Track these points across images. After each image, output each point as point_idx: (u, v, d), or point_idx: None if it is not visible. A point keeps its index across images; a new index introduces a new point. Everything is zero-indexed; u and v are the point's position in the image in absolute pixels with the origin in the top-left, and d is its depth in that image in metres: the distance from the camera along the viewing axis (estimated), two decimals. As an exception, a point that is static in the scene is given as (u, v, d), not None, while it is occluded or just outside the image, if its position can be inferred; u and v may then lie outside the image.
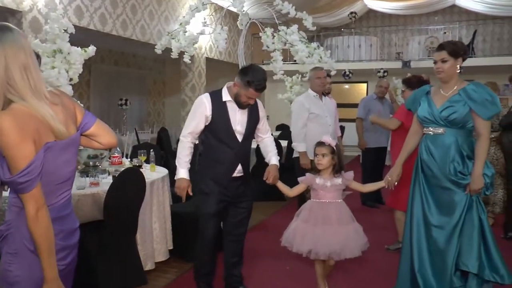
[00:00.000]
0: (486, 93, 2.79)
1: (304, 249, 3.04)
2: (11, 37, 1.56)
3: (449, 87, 2.91)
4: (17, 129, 1.47)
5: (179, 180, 3.03)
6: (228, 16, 11.08)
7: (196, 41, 7.46)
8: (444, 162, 2.87)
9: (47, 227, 1.57)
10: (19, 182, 1.50)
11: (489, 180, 2.84)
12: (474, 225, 2.82)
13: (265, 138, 3.28)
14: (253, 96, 2.92)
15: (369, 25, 14.17)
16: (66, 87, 3.91)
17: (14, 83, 1.52)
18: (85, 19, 6.80)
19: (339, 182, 3.07)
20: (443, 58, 2.87)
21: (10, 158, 1.49)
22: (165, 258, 3.86)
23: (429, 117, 2.93)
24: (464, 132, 2.87)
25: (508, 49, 12.37)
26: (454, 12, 13.10)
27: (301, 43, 6.69)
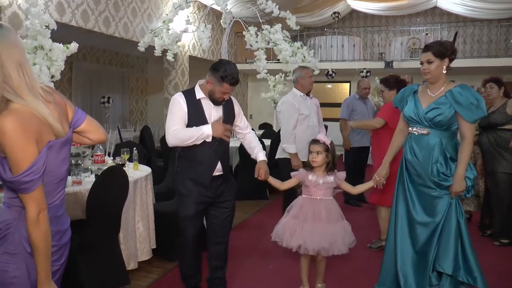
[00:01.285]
0: (472, 97, 2.78)
1: (294, 245, 3.09)
2: (3, 33, 1.54)
3: (436, 88, 2.91)
4: (20, 130, 1.46)
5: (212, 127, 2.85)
6: (212, 14, 11.04)
7: (179, 39, 7.43)
8: (427, 163, 2.89)
9: (47, 230, 1.56)
10: (23, 181, 1.48)
11: (470, 183, 2.85)
12: (451, 227, 2.84)
13: (247, 134, 3.25)
14: (228, 91, 2.88)
15: (352, 25, 14.28)
16: (48, 84, 3.85)
17: (11, 81, 1.50)
18: (67, 15, 6.71)
19: (331, 180, 3.12)
20: (428, 59, 2.87)
21: (13, 158, 1.47)
22: (148, 257, 3.83)
23: (414, 117, 2.95)
24: (448, 134, 2.88)
25: (487, 51, 12.58)
26: (436, 14, 13.28)
27: (285, 42, 6.71)
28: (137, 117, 13.00)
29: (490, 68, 10.84)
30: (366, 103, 6.13)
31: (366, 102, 6.12)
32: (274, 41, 6.66)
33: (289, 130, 4.46)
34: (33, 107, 1.51)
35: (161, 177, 5.14)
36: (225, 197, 3.10)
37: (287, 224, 3.14)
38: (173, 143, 2.93)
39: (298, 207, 3.15)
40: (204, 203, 3.02)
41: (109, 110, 10.94)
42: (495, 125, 4.55)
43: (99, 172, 3.44)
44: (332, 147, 3.17)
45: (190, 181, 2.98)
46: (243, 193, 6.44)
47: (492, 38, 12.76)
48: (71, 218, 3.19)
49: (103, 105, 10.66)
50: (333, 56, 12.41)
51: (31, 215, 1.52)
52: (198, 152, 2.93)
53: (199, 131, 2.85)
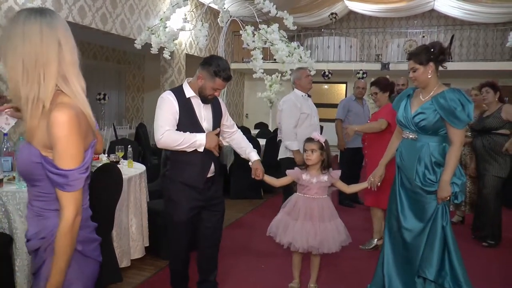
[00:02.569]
0: (456, 102, 2.74)
1: (285, 241, 3.13)
2: (59, 18, 1.48)
3: (427, 92, 2.92)
4: (74, 124, 1.41)
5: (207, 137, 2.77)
6: (209, 13, 11.03)
7: (176, 37, 7.42)
8: (411, 168, 2.88)
9: (76, 236, 1.48)
10: (76, 177, 1.42)
11: (458, 188, 2.81)
12: (437, 233, 2.83)
13: (234, 133, 3.17)
14: (220, 87, 2.80)
15: (350, 26, 14.29)
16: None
17: (65, 67, 1.46)
18: (63, 11, 6.68)
19: (325, 179, 3.13)
20: (412, 67, 2.91)
21: (64, 152, 1.40)
22: (141, 255, 3.83)
23: (403, 121, 2.96)
24: (436, 139, 2.86)
25: (483, 55, 12.63)
26: (433, 16, 13.32)
27: (282, 42, 6.71)
28: (133, 115, 12.97)
29: (485, 71, 10.88)
30: (363, 104, 6.14)
31: (363, 104, 6.13)
32: (271, 41, 6.66)
33: (291, 127, 4.46)
34: (81, 104, 1.47)
35: (155, 175, 5.13)
36: (216, 199, 3.02)
37: (281, 220, 3.19)
38: (163, 144, 2.78)
39: (292, 204, 3.19)
40: (196, 208, 2.93)
41: (105, 107, 10.91)
42: (489, 129, 4.61)
43: (93, 169, 3.43)
44: (327, 145, 3.19)
45: (182, 184, 2.87)
46: (238, 192, 6.45)
47: (488, 42, 12.81)
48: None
49: (99, 102, 10.63)
50: (329, 57, 12.42)
51: (69, 217, 1.43)
52: (191, 153, 2.81)
53: (193, 138, 2.75)
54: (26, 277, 2.98)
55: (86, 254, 1.56)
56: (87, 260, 1.57)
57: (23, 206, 2.93)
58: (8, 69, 1.42)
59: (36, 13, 1.42)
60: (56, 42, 1.42)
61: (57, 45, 1.42)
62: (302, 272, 3.42)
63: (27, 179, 1.51)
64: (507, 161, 4.57)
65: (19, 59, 1.40)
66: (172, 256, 3.12)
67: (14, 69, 1.41)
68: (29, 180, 1.50)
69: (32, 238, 1.53)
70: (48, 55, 1.41)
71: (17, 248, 2.96)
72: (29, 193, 1.55)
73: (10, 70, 1.42)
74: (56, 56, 1.42)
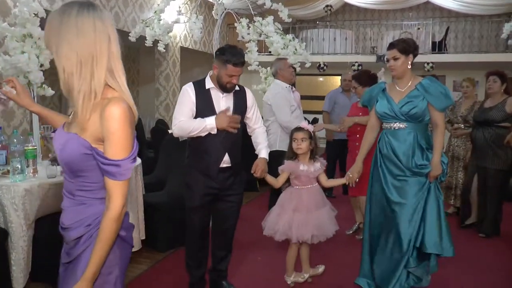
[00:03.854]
0: (440, 87, 2.99)
1: (280, 233, 3.17)
2: (106, 12, 1.53)
3: (404, 83, 3.07)
4: (127, 116, 1.47)
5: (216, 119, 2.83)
6: (204, 5, 10.97)
7: (170, 29, 7.37)
8: (408, 156, 3.01)
9: (121, 223, 1.52)
10: (127, 167, 1.47)
11: (445, 166, 3.04)
12: (433, 209, 2.99)
13: (256, 128, 3.20)
14: (234, 73, 2.86)
15: (345, 18, 14.25)
16: (37, 73, 3.80)
17: (114, 62, 1.50)
18: (56, 4, 6.63)
19: (318, 167, 3.19)
20: (394, 56, 3.02)
21: (115, 144, 1.44)
22: (137, 248, 3.82)
23: (389, 113, 3.07)
24: (422, 126, 3.05)
25: (478, 47, 12.64)
26: (428, 8, 13.29)
27: (277, 35, 6.67)
28: (127, 108, 12.92)
29: (480, 63, 10.89)
30: (350, 97, 6.13)
31: (350, 96, 6.12)
32: (266, 33, 6.62)
33: (292, 117, 4.35)
34: (127, 97, 1.52)
35: (151, 168, 5.13)
36: (233, 190, 3.07)
37: (276, 214, 3.22)
38: (177, 134, 2.97)
39: (287, 197, 3.23)
40: (210, 195, 3.00)
41: (99, 101, 10.87)
42: (492, 122, 4.51)
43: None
44: (315, 134, 3.24)
45: (197, 171, 2.97)
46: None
47: (483, 34, 12.82)
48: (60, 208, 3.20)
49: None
50: (325, 49, 12.40)
51: (119, 205, 1.47)
52: (205, 143, 2.92)
53: (203, 123, 2.84)
54: (22, 271, 2.98)
55: (125, 239, 1.61)
56: (125, 245, 1.62)
57: (18, 200, 2.92)
58: (62, 61, 1.46)
59: (88, 7, 1.47)
60: (107, 36, 1.48)
61: (107, 39, 1.48)
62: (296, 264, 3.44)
63: (72, 171, 1.53)
64: (508, 153, 4.50)
65: (74, 52, 1.44)
66: (187, 238, 3.16)
67: (69, 61, 1.44)
68: (74, 171, 1.52)
69: (74, 227, 1.56)
70: (101, 49, 1.46)
71: (13, 242, 2.95)
72: (70, 184, 1.57)
73: (64, 62, 1.45)
74: (106, 50, 1.47)
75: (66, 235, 1.60)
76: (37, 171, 3.24)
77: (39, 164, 3.48)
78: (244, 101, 3.08)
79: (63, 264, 1.64)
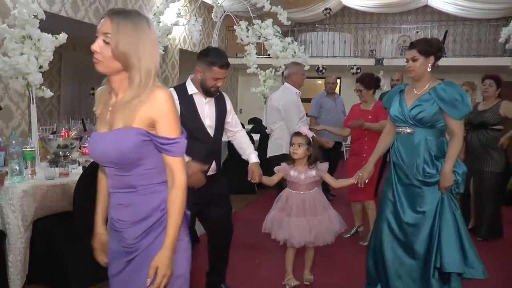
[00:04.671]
0: (456, 93, 2.76)
1: (280, 238, 3.15)
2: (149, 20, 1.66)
3: (421, 86, 2.90)
4: (173, 100, 1.63)
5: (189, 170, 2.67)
6: (203, 7, 10.98)
7: (170, 32, 7.39)
8: (412, 163, 2.86)
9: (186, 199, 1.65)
10: (185, 142, 1.64)
11: (459, 177, 2.81)
12: (449, 224, 2.77)
13: (237, 132, 3.14)
14: (220, 76, 2.75)
15: (344, 21, 14.27)
16: (36, 74, 3.81)
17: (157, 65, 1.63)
18: (56, 5, 6.63)
19: (313, 174, 3.15)
20: (413, 56, 2.85)
21: (171, 123, 1.59)
22: (135, 250, 3.82)
23: (400, 116, 2.92)
24: (434, 132, 2.85)
25: (476, 51, 12.67)
26: (427, 12, 13.33)
27: (276, 37, 6.71)
28: (126, 110, 12.90)
29: (479, 67, 10.92)
30: (336, 100, 6.13)
31: (335, 99, 6.13)
32: (265, 36, 6.66)
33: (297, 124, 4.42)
34: None
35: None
36: (219, 196, 3.02)
37: (275, 216, 3.20)
38: None
39: (284, 201, 3.20)
40: (198, 204, 2.83)
41: (98, 102, 10.85)
42: (487, 125, 4.57)
43: (86, 164, 3.43)
44: (314, 140, 3.20)
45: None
46: (232, 187, 6.42)
47: (481, 38, 12.85)
48: (57, 210, 3.20)
49: (93, 97, 10.52)
50: (323, 52, 12.41)
51: (183, 178, 1.62)
52: (193, 150, 2.70)
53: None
54: (19, 273, 2.98)
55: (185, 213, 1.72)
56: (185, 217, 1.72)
57: (16, 201, 2.92)
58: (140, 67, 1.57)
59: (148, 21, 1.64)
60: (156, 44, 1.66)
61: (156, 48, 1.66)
62: (294, 266, 3.43)
63: (130, 162, 1.61)
64: (502, 155, 4.58)
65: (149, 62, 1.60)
66: None
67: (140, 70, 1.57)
68: (132, 162, 1.61)
69: (145, 217, 1.64)
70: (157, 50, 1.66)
71: (10, 244, 2.95)
72: (127, 178, 1.64)
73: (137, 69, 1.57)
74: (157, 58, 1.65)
75: (129, 232, 1.66)
76: (36, 172, 3.24)
77: (38, 166, 3.48)
78: (224, 106, 3.01)
79: (122, 264, 1.71)
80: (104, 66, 1.58)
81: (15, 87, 3.88)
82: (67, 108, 10.94)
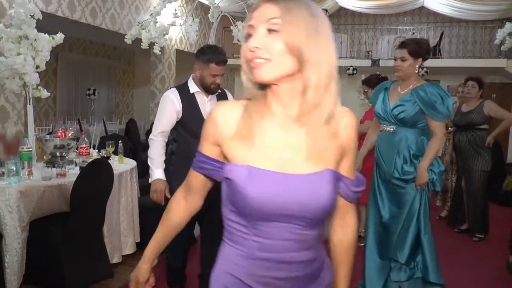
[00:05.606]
0: (436, 95, 2.81)
1: None
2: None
3: (406, 86, 2.95)
4: None
5: (155, 183, 2.80)
6: (200, 8, 10.98)
7: (166, 32, 7.38)
8: (390, 160, 2.91)
9: None
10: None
11: (436, 176, 2.86)
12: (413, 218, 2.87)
13: None
14: (217, 72, 2.78)
15: (340, 23, 14.31)
16: (33, 74, 3.79)
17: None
18: (52, 5, 6.61)
19: None
20: (402, 56, 2.89)
21: (354, 158, 1.21)
22: (132, 251, 3.82)
23: (382, 114, 2.98)
24: (415, 131, 2.90)
25: (472, 52, 12.73)
26: (423, 13, 13.38)
27: (273, 38, 6.70)
28: (123, 110, 12.90)
29: (474, 68, 10.97)
30: None
31: None
32: (262, 37, 6.65)
33: None
34: None
35: (146, 170, 5.11)
36: (217, 195, 3.01)
37: None
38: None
39: None
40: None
41: (94, 103, 10.84)
42: (473, 125, 4.69)
43: (83, 164, 3.42)
44: None
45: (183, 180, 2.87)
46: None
47: (477, 39, 12.91)
48: (54, 211, 3.20)
49: (89, 97, 10.56)
50: (320, 53, 12.45)
51: (356, 224, 1.29)
52: (194, 149, 2.81)
53: (152, 171, 2.84)
54: (15, 273, 2.97)
55: None
56: None
57: (13, 202, 2.91)
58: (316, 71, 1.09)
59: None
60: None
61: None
62: None
63: (323, 218, 1.16)
64: (489, 154, 4.69)
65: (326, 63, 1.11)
66: (171, 252, 3.05)
67: (323, 73, 1.10)
68: (325, 217, 1.16)
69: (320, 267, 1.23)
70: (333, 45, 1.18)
71: (7, 244, 2.94)
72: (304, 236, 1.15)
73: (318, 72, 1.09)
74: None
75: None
76: (32, 173, 3.24)
77: (34, 166, 3.47)
78: None
79: None
80: (274, 67, 1.06)
81: (11, 87, 3.86)
82: (63, 109, 10.92)
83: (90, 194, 3.15)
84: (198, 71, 2.82)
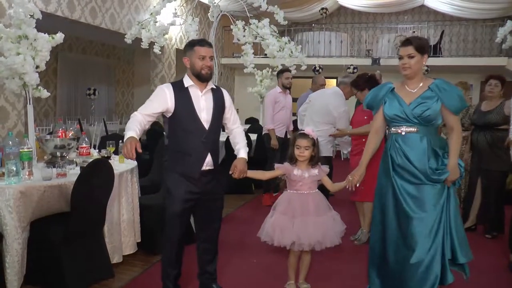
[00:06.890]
0: (455, 89, 2.81)
1: (287, 242, 3.04)
2: None
3: (415, 84, 2.86)
4: None
5: (127, 139, 2.61)
6: (199, 7, 10.97)
7: (166, 31, 7.37)
8: (423, 162, 2.79)
9: None
10: None
11: (462, 170, 2.85)
12: (458, 217, 2.84)
13: (235, 128, 3.16)
14: (204, 53, 2.84)
15: (340, 21, 14.30)
16: (33, 74, 3.79)
17: None
18: (52, 5, 6.61)
19: (316, 173, 3.10)
20: (410, 53, 2.80)
21: None
22: (132, 251, 3.81)
23: (401, 115, 2.84)
24: (433, 130, 2.86)
25: (472, 50, 12.72)
26: (423, 12, 13.37)
27: (272, 37, 6.69)
28: (123, 110, 12.89)
29: (474, 67, 10.97)
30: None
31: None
32: (261, 36, 6.64)
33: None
34: None
35: (147, 170, 5.11)
36: (214, 194, 3.01)
37: (276, 221, 3.08)
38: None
39: (286, 203, 3.11)
40: (191, 200, 2.91)
41: (94, 102, 10.83)
42: (493, 125, 4.59)
43: (84, 164, 3.41)
44: (317, 140, 3.18)
45: (178, 175, 2.87)
46: (228, 187, 6.43)
47: (477, 38, 12.91)
48: (55, 211, 3.19)
49: (89, 97, 10.55)
50: (320, 51, 12.43)
51: None
52: (185, 142, 2.85)
53: (125, 135, 2.70)
54: (16, 274, 2.96)
55: None
56: None
57: (13, 202, 2.91)
58: None
59: None
60: None
61: None
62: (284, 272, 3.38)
63: None
64: (508, 155, 4.58)
65: None
66: (165, 246, 3.04)
67: None
68: None
69: None
70: None
71: (7, 245, 2.94)
72: None
73: None
74: None
75: None
76: (33, 173, 3.23)
77: (35, 167, 3.47)
78: (223, 101, 3.04)
79: None
80: None
81: (11, 87, 3.86)
82: (63, 109, 10.92)
83: (91, 194, 3.14)
84: (188, 60, 2.90)
